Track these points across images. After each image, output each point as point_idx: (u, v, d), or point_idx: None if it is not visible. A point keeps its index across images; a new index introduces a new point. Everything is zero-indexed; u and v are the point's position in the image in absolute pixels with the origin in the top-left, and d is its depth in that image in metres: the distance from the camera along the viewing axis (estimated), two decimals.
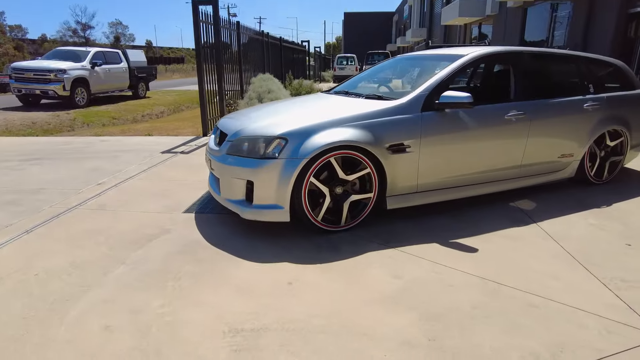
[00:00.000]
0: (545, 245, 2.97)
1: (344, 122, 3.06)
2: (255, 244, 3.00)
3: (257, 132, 3.09)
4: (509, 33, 10.57)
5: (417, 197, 3.36)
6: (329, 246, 2.95)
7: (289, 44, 13.93)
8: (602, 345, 1.94)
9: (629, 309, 2.21)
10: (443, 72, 3.39)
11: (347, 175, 3.07)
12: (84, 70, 10.88)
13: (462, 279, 2.52)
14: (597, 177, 4.24)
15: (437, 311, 2.20)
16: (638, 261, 2.73)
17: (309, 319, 2.16)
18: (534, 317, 2.15)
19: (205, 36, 6.52)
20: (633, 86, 4.40)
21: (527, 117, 3.58)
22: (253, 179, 2.98)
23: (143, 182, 4.44)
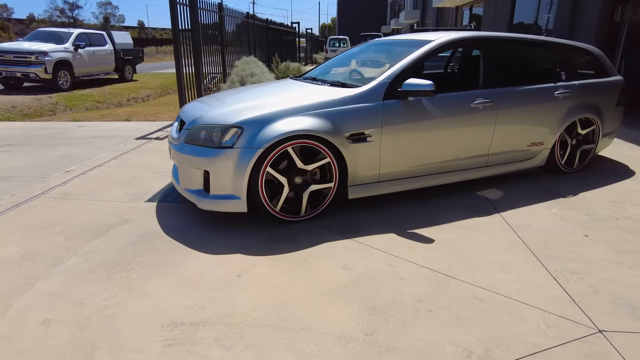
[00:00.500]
0: (503, 235, 2.95)
1: (303, 111, 3.01)
2: (212, 234, 2.97)
3: (214, 120, 3.03)
4: (499, 15, 10.39)
5: (379, 186, 3.33)
6: (285, 237, 2.92)
7: (277, 25, 13.68)
8: (538, 339, 1.94)
9: (572, 302, 2.21)
10: (406, 60, 3.32)
11: (306, 165, 3.02)
12: (66, 52, 10.67)
13: (413, 271, 2.50)
14: (568, 165, 4.21)
15: (381, 305, 2.19)
16: (592, 252, 2.72)
17: (250, 312, 2.14)
18: (477, 311, 2.14)
19: (182, 18, 6.37)
20: (607, 74, 4.33)
21: (495, 105, 3.52)
22: (209, 169, 2.94)
23: (112, 170, 4.38)
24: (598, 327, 2.02)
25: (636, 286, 2.36)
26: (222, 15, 8.34)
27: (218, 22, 8.29)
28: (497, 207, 3.43)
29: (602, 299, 2.24)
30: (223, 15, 8.36)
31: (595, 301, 2.22)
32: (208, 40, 7.82)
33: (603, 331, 2.00)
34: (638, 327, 2.02)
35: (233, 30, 9.44)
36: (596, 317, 2.09)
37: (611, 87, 4.28)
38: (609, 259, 2.64)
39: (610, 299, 2.24)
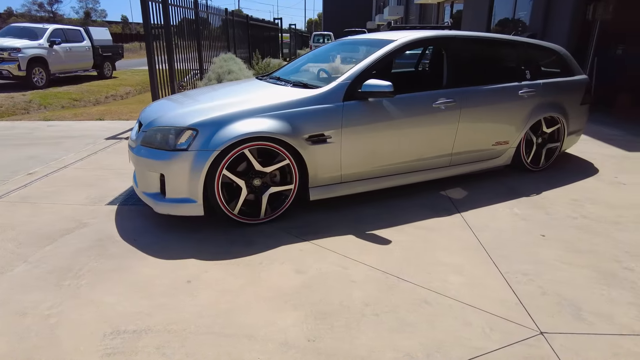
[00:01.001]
0: (461, 236, 2.96)
1: (261, 112, 2.97)
2: (169, 238, 2.93)
3: (169, 122, 2.99)
4: (478, 13, 10.41)
5: (341, 187, 3.32)
6: (243, 240, 2.90)
7: (257, 22, 13.55)
8: (480, 343, 1.94)
9: (519, 304, 2.22)
10: (366, 61, 3.30)
11: (264, 167, 2.99)
12: (41, 48, 10.44)
13: (366, 273, 2.50)
14: (534, 164, 4.24)
15: (329, 309, 2.18)
16: (546, 253, 2.74)
17: (196, 319, 2.12)
18: (423, 314, 2.14)
19: (155, 15, 6.27)
20: (572, 73, 4.37)
21: (458, 104, 3.53)
22: (164, 172, 2.89)
23: (76, 171, 4.30)
24: (540, 329, 2.04)
25: (584, 287, 2.38)
26: (198, 12, 8.23)
27: (194, 19, 8.17)
28: (458, 206, 3.44)
29: (548, 301, 2.26)
30: (199, 11, 8.24)
31: (542, 303, 2.24)
32: (184, 37, 7.72)
33: (544, 333, 2.01)
34: (579, 328, 2.04)
35: (211, 27, 9.33)
36: (540, 319, 2.11)
37: (576, 86, 4.32)
38: (562, 260, 2.66)
39: (557, 300, 2.26)
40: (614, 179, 4.14)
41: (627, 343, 1.95)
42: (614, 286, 2.39)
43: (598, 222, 3.19)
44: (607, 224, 3.17)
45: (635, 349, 1.91)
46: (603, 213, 3.35)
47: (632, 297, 2.29)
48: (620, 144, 5.43)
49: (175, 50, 7.22)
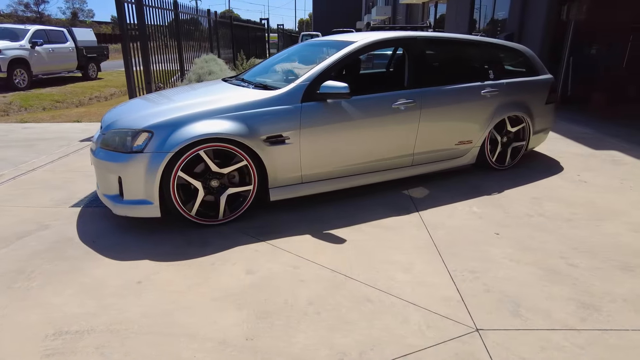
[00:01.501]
0: (416, 234, 3.01)
1: (217, 114, 3.00)
2: (128, 240, 2.95)
3: (126, 125, 3.00)
4: (460, 12, 10.49)
5: (302, 188, 3.35)
6: (199, 241, 2.92)
7: (242, 22, 13.55)
8: (415, 341, 1.98)
9: (460, 302, 2.27)
10: (326, 62, 3.33)
11: (221, 168, 3.02)
12: (22, 50, 10.39)
13: (315, 272, 2.53)
14: (500, 163, 4.30)
15: (272, 308, 2.21)
16: (496, 251, 2.79)
17: (140, 319, 2.14)
18: (364, 312, 2.18)
19: (131, 16, 6.27)
20: (537, 72, 4.43)
21: (418, 105, 3.57)
22: (121, 174, 2.91)
23: (45, 174, 4.31)
24: (477, 326, 2.08)
25: (527, 284, 2.43)
26: (177, 13, 8.22)
27: (174, 20, 8.17)
28: (418, 205, 3.49)
29: (490, 298, 2.30)
30: (179, 12, 8.23)
31: (483, 300, 2.29)
32: (163, 39, 7.72)
33: (480, 330, 2.06)
34: (514, 325, 2.09)
35: (192, 28, 9.33)
36: (478, 316, 2.15)
37: (540, 86, 4.38)
38: (510, 257, 2.71)
39: (498, 297, 2.31)
40: (576, 177, 4.21)
41: (557, 337, 2.00)
42: (556, 282, 2.44)
43: (552, 220, 3.24)
44: (561, 221, 3.23)
45: (563, 343, 1.96)
46: (559, 211, 3.41)
47: (571, 293, 2.35)
48: (589, 142, 5.51)
49: (154, 52, 7.22)
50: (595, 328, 2.07)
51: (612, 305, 2.25)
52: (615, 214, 3.36)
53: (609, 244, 2.90)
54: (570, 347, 1.95)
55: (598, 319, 2.14)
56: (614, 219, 3.27)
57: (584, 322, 2.12)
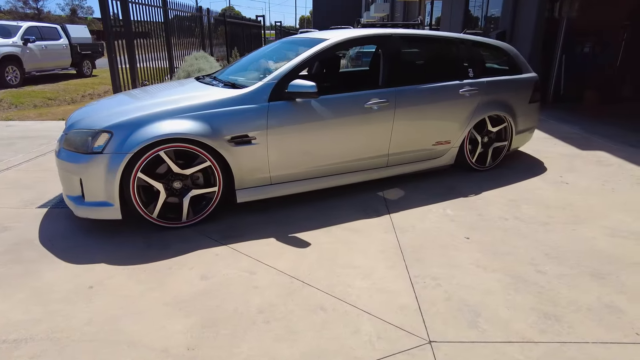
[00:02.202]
0: (383, 238, 2.92)
1: (179, 113, 2.92)
2: (89, 242, 2.88)
3: (87, 125, 2.93)
4: (455, 10, 10.36)
5: (271, 189, 3.27)
6: (159, 244, 2.85)
7: (237, 19, 13.45)
8: (362, 353, 1.90)
9: (417, 311, 2.18)
10: (295, 60, 3.24)
11: (183, 169, 2.94)
12: (14, 47, 10.34)
13: (272, 278, 2.45)
14: (480, 163, 4.20)
15: (221, 316, 2.13)
16: (463, 256, 2.70)
17: (84, 326, 2.07)
18: (315, 322, 2.10)
19: (116, 12, 6.20)
20: (520, 71, 4.32)
21: (391, 104, 3.48)
22: (81, 176, 2.84)
23: (18, 173, 4.24)
24: (430, 337, 2.00)
25: (491, 292, 2.34)
26: (167, 10, 8.15)
27: (163, 17, 8.09)
28: (390, 207, 3.40)
29: (449, 307, 2.22)
30: (168, 9, 8.16)
31: (442, 309, 2.20)
32: (151, 35, 7.64)
33: (433, 342, 1.97)
34: (470, 337, 2.00)
35: (183, 25, 9.25)
36: (434, 327, 2.07)
37: (523, 84, 4.27)
38: (478, 263, 2.63)
39: (458, 306, 2.22)
40: (559, 178, 4.11)
41: (512, 350, 1.91)
42: (521, 291, 2.35)
43: (527, 224, 3.15)
44: (536, 224, 3.13)
45: (518, 356, 1.88)
46: (535, 214, 3.32)
47: (535, 303, 2.25)
48: (577, 142, 5.39)
49: (142, 49, 7.16)
50: (554, 340, 1.98)
51: (575, 315, 2.16)
52: (594, 218, 3.26)
53: (583, 249, 2.80)
54: None
55: (559, 330, 2.05)
56: (591, 223, 3.17)
57: (543, 333, 2.03)
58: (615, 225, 3.14)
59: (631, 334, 2.03)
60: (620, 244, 2.87)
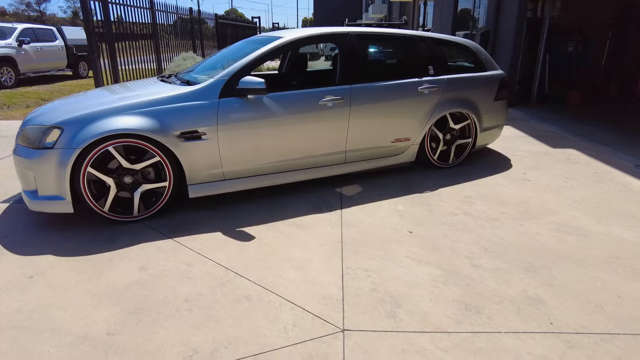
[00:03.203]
0: (328, 232, 2.96)
1: (129, 109, 2.98)
2: (40, 235, 2.96)
3: (39, 121, 3.01)
4: (445, 11, 10.36)
5: (223, 185, 3.32)
6: (108, 237, 2.91)
7: (230, 20, 13.55)
8: (273, 340, 1.95)
9: (339, 302, 2.22)
10: (247, 58, 3.30)
11: (133, 164, 3.01)
12: (9, 48, 10.53)
13: (208, 270, 2.50)
14: (443, 160, 4.22)
15: (147, 305, 2.19)
16: (401, 250, 2.73)
17: (12, 313, 2.14)
18: (237, 310, 2.15)
19: (99, 13, 6.31)
20: (484, 68, 4.34)
21: (346, 102, 3.52)
22: (34, 170, 2.91)
23: None
24: (345, 326, 2.03)
25: (418, 284, 2.37)
26: (154, 11, 8.25)
27: (151, 17, 8.20)
28: (344, 203, 3.44)
29: (372, 298, 2.25)
30: (155, 10, 8.26)
31: (364, 300, 2.23)
32: (139, 36, 7.75)
33: (346, 330, 2.01)
34: (385, 327, 2.03)
35: (172, 26, 9.35)
36: (351, 317, 2.10)
37: (487, 82, 4.29)
38: (413, 256, 2.65)
39: (381, 297, 2.26)
40: (522, 175, 4.12)
41: (423, 340, 1.94)
42: (450, 284, 2.38)
43: (476, 219, 3.17)
44: (485, 220, 3.16)
45: (427, 346, 1.91)
46: (487, 209, 3.34)
47: (460, 295, 2.28)
48: (550, 140, 5.39)
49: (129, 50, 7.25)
50: (468, 331, 2.01)
51: (496, 307, 2.18)
52: (545, 214, 3.27)
53: (524, 243, 2.82)
54: (432, 350, 1.89)
55: (476, 321, 2.08)
56: (540, 219, 3.18)
57: (459, 324, 2.05)
58: (563, 220, 3.16)
59: (545, 324, 2.05)
60: (562, 239, 2.89)
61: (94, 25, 6.29)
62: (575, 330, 2.02)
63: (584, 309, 2.17)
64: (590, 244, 2.82)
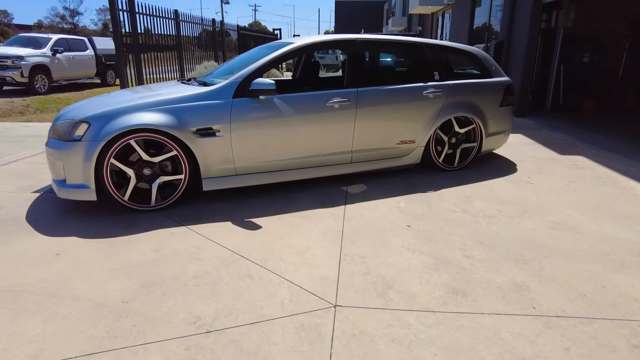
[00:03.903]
0: (330, 224, 3.13)
1: (150, 107, 3.25)
2: (67, 221, 3.22)
3: (70, 116, 3.30)
4: (462, 23, 10.50)
5: (235, 179, 3.54)
6: (127, 223, 3.15)
7: (252, 32, 14.02)
8: (270, 311, 2.12)
9: (334, 282, 2.38)
10: (260, 62, 3.54)
11: (152, 157, 3.26)
12: (44, 57, 11.18)
13: (215, 253, 2.71)
14: (448, 163, 4.35)
15: (158, 280, 2.40)
16: (398, 240, 2.88)
17: (39, 283, 2.38)
18: (239, 286, 2.33)
19: (127, 25, 6.71)
20: (489, 74, 4.47)
21: (353, 104, 3.71)
22: (63, 161, 3.20)
23: (22, 165, 4.69)
24: (337, 303, 2.19)
25: (410, 270, 2.51)
26: (179, 22, 8.67)
27: (175, 28, 8.61)
28: (349, 199, 3.61)
29: (366, 280, 2.41)
30: (180, 21, 8.68)
31: (357, 281, 2.39)
32: (163, 46, 8.16)
33: (338, 306, 2.17)
34: (374, 304, 2.18)
35: (196, 36, 9.77)
36: (344, 295, 2.26)
37: (493, 88, 4.42)
38: (408, 246, 2.80)
39: (374, 279, 2.41)
40: (526, 179, 4.21)
41: (409, 317, 2.09)
42: (441, 271, 2.52)
43: (473, 216, 3.29)
44: (481, 217, 3.27)
45: (412, 322, 2.05)
46: (485, 208, 3.45)
47: (449, 280, 2.41)
48: (559, 147, 5.44)
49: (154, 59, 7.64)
50: (452, 311, 2.14)
51: (483, 292, 2.31)
52: (542, 212, 3.37)
53: (518, 238, 2.93)
54: (416, 325, 2.03)
55: (461, 303, 2.21)
56: (537, 217, 3.28)
57: (445, 305, 2.19)
58: (561, 219, 3.25)
59: (528, 308, 2.16)
60: (556, 235, 2.98)
61: (122, 35, 6.68)
62: (555, 313, 2.13)
63: (567, 296, 2.27)
64: (582, 241, 2.90)
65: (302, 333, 1.97)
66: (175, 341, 1.92)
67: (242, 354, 1.84)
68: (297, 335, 1.95)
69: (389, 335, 1.95)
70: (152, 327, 2.00)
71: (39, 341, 1.92)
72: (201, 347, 1.88)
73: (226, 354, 1.84)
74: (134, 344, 1.90)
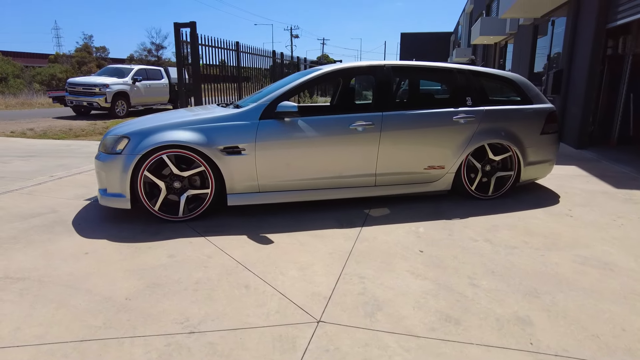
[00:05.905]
0: (340, 244, 3.14)
1: (183, 126, 3.54)
2: (105, 225, 3.56)
3: (116, 132, 3.68)
4: (524, 50, 10.13)
5: (258, 196, 3.69)
6: (153, 231, 3.40)
7: (311, 63, 14.59)
8: (254, 320, 2.17)
9: (326, 299, 2.38)
10: (288, 86, 3.73)
11: (182, 172, 3.52)
12: (125, 85, 12.52)
13: (223, 262, 2.83)
14: (481, 192, 4.18)
15: (163, 282, 2.56)
16: (405, 264, 2.81)
17: (64, 276, 2.65)
18: (234, 295, 2.42)
19: (192, 56, 7.36)
20: (529, 101, 4.29)
21: (377, 127, 3.74)
22: (105, 171, 3.56)
23: (84, 176, 5.25)
24: (322, 319, 2.19)
25: (407, 294, 2.44)
26: (239, 53, 9.31)
27: (235, 58, 9.25)
28: (367, 222, 3.59)
29: (358, 300, 2.38)
30: (240, 52, 9.31)
31: (349, 300, 2.37)
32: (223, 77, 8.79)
33: (321, 322, 2.17)
34: (359, 324, 2.15)
35: (256, 67, 10.40)
36: (331, 312, 2.25)
37: (532, 115, 4.22)
38: (413, 271, 2.72)
39: (366, 300, 2.37)
40: (566, 211, 3.91)
41: (390, 339, 2.03)
42: (439, 297, 2.42)
43: (494, 246, 3.12)
44: (503, 247, 3.09)
45: (391, 344, 1.99)
46: (510, 238, 3.26)
47: (445, 307, 2.31)
48: (615, 180, 4.98)
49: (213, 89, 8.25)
50: (438, 338, 2.05)
51: (478, 322, 2.18)
52: (574, 247, 3.11)
53: (536, 271, 2.73)
54: (394, 347, 1.97)
55: (450, 331, 2.11)
56: (565, 251, 3.03)
57: (432, 331, 2.10)
58: (593, 255, 2.97)
59: (524, 343, 2.01)
60: (583, 271, 2.73)
61: (182, 65, 7.31)
62: (555, 352, 1.95)
63: (574, 336, 2.07)
64: (613, 279, 2.64)
65: (278, 343, 1.99)
66: (159, 337, 2.03)
67: (214, 355, 1.90)
68: (272, 344, 1.98)
69: (362, 354, 1.91)
70: (143, 323, 2.14)
71: (46, 325, 2.13)
72: (180, 345, 1.97)
73: (200, 353, 1.91)
74: (123, 336, 2.04)
